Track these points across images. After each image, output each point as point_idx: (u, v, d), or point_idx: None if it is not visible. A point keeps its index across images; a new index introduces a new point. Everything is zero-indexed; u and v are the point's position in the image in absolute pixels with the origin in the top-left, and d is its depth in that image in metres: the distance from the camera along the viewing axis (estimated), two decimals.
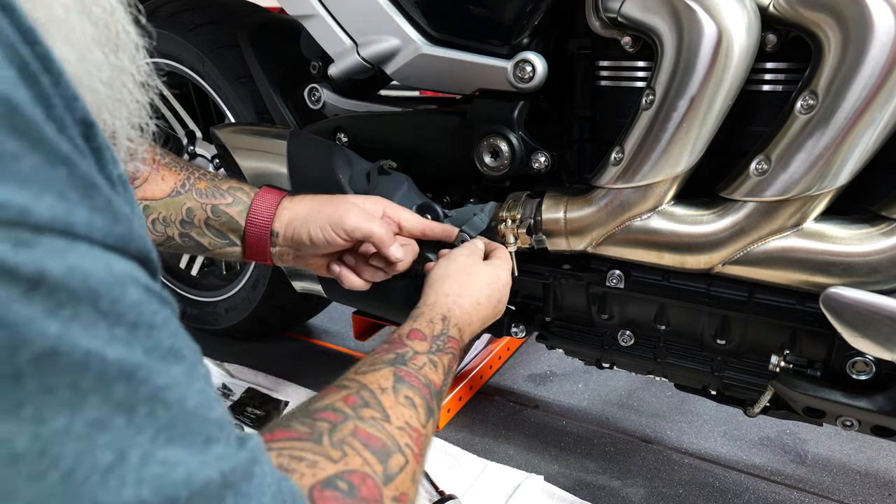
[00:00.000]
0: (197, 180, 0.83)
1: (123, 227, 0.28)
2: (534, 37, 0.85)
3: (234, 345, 1.60)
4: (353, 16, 0.97)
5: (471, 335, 0.73)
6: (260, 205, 0.82)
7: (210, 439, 0.30)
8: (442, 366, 0.61)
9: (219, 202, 0.82)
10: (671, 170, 0.76)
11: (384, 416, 0.50)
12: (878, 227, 0.69)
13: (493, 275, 0.77)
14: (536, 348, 1.55)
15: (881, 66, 0.62)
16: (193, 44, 1.31)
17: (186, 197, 0.81)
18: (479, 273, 0.76)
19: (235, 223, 0.83)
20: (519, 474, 1.10)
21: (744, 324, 0.84)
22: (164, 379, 0.28)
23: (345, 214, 0.79)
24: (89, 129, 0.29)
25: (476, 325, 0.73)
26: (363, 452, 0.45)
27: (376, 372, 0.56)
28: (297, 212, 0.82)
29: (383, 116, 1.04)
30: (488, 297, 0.75)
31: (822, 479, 1.11)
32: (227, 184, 0.84)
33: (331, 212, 0.80)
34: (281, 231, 0.82)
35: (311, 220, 0.81)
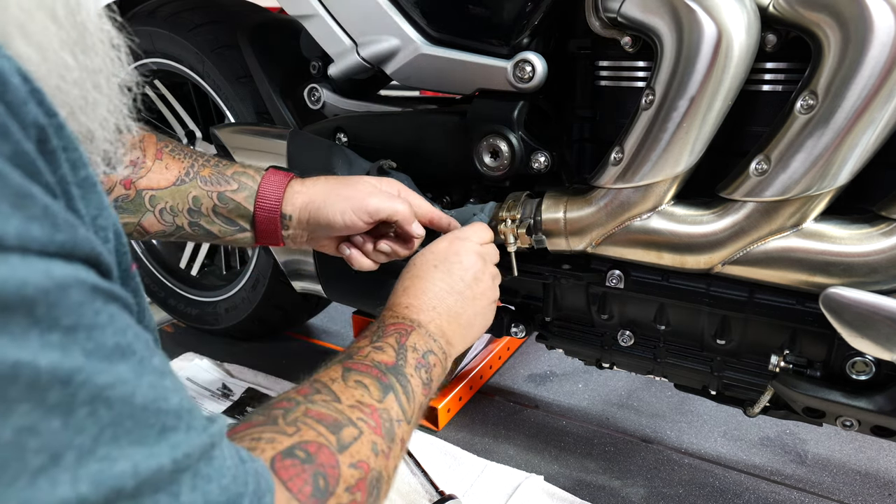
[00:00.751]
0: (201, 167, 0.82)
1: (65, 234, 0.28)
2: (534, 37, 0.85)
3: (234, 345, 1.60)
4: (352, 16, 0.97)
5: (423, 310, 0.70)
6: (267, 189, 0.81)
7: (165, 430, 0.31)
8: (389, 346, 0.63)
9: (224, 189, 0.81)
10: (671, 170, 0.76)
11: (334, 398, 0.53)
12: (878, 227, 0.69)
13: (429, 249, 0.75)
14: (536, 348, 1.55)
15: (881, 66, 0.62)
16: (193, 44, 1.31)
17: (191, 185, 0.81)
18: (416, 261, 0.75)
19: (244, 209, 0.82)
20: (519, 474, 1.10)
21: (744, 324, 0.84)
22: (107, 378, 0.28)
23: (367, 197, 0.79)
24: (43, 132, 0.30)
25: (428, 298, 0.70)
26: (316, 426, 0.48)
27: (327, 369, 0.59)
28: (313, 196, 0.81)
29: (383, 116, 1.04)
30: (413, 276, 0.72)
31: (822, 479, 1.11)
32: (231, 169, 0.82)
33: (350, 194, 0.80)
34: (295, 215, 0.81)
35: (329, 203, 0.80)
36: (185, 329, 1.71)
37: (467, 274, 0.74)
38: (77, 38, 0.35)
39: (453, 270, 0.73)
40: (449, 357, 0.70)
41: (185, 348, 1.53)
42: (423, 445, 1.17)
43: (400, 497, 1.05)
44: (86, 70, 0.35)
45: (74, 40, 0.34)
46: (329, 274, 1.12)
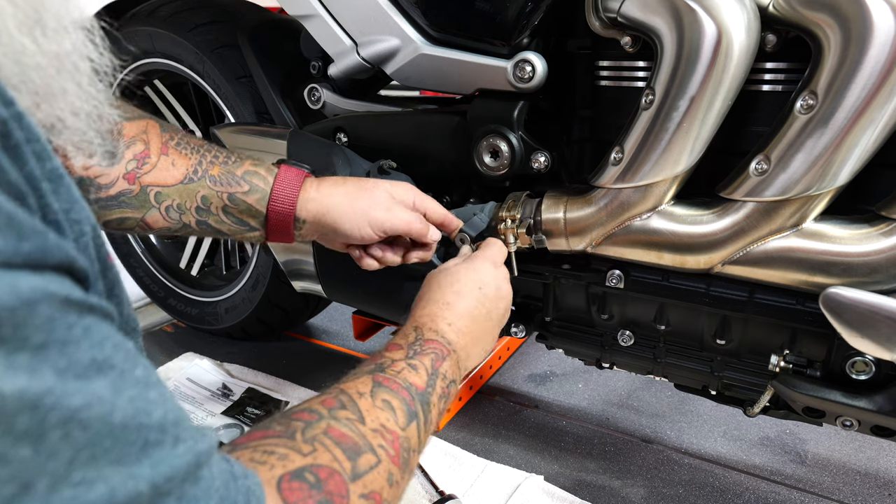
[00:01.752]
0: (210, 165, 0.79)
1: (32, 243, 0.27)
2: (534, 37, 0.85)
3: (234, 345, 1.60)
4: (352, 16, 0.97)
5: (464, 332, 0.70)
6: (280, 191, 0.80)
7: (147, 446, 0.29)
8: (423, 367, 0.61)
9: (235, 190, 0.79)
10: (671, 170, 0.76)
11: (359, 417, 0.51)
12: (877, 227, 0.69)
13: (461, 271, 0.75)
14: (536, 348, 1.55)
15: (881, 66, 0.62)
16: (193, 44, 1.31)
17: (200, 184, 0.78)
18: (444, 279, 0.74)
19: (255, 210, 0.80)
20: (519, 474, 1.10)
21: (743, 324, 0.84)
22: (82, 398, 0.27)
23: (384, 213, 0.80)
24: (4, 125, 0.28)
25: (462, 323, 0.70)
26: (333, 449, 0.46)
27: (356, 379, 0.56)
28: (328, 206, 0.80)
29: (383, 116, 1.04)
30: (457, 293, 0.72)
31: (822, 479, 1.11)
32: (241, 168, 0.80)
33: (366, 208, 0.80)
34: (309, 220, 0.81)
35: (345, 215, 0.80)
36: (185, 329, 1.71)
37: (501, 303, 0.75)
38: (37, 20, 0.32)
39: (490, 296, 0.74)
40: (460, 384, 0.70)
41: (185, 348, 1.53)
42: None
43: None
44: (48, 55, 0.33)
45: (34, 21, 0.32)
46: (329, 274, 1.12)
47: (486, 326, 0.73)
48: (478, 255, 0.78)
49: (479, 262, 0.76)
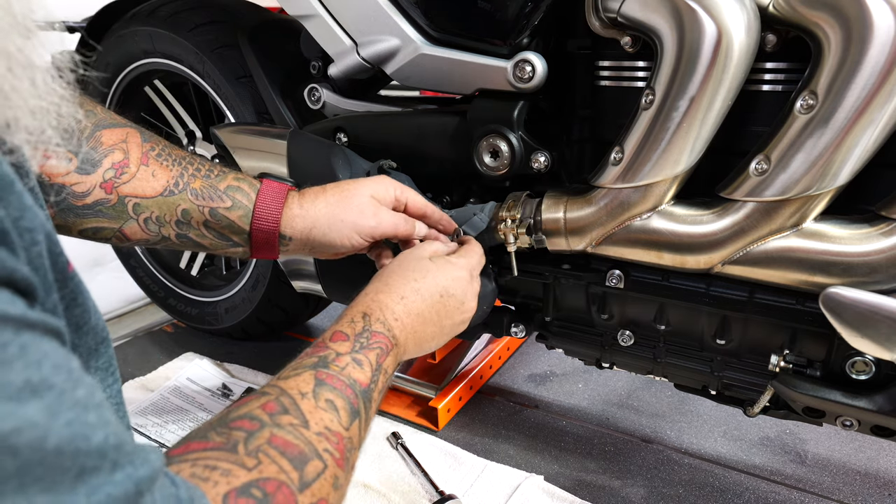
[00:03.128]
0: (191, 178, 0.77)
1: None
2: (533, 37, 0.85)
3: (234, 345, 1.60)
4: (352, 16, 0.97)
5: (409, 331, 0.68)
6: (263, 208, 0.77)
7: (83, 472, 0.28)
8: (368, 363, 0.59)
9: (217, 205, 0.77)
10: (671, 170, 0.76)
11: (302, 421, 0.49)
12: (877, 227, 0.69)
13: (431, 268, 0.73)
14: (536, 348, 1.55)
15: (881, 66, 0.62)
16: (193, 44, 1.31)
17: (181, 198, 0.76)
18: (411, 268, 0.72)
19: (237, 227, 0.78)
20: (519, 474, 1.10)
21: (743, 324, 0.84)
22: (13, 422, 0.25)
23: (371, 221, 0.78)
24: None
25: (410, 321, 0.68)
26: (279, 460, 0.45)
27: (298, 377, 0.54)
28: (314, 220, 0.78)
29: (383, 116, 1.04)
30: (416, 290, 0.70)
31: (822, 479, 1.11)
32: (223, 182, 0.78)
33: (352, 218, 0.78)
34: (295, 237, 0.79)
35: (333, 230, 0.78)
36: (185, 329, 1.71)
37: (459, 316, 0.75)
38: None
39: (450, 307, 0.73)
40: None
41: (185, 348, 1.53)
42: (423, 445, 1.17)
43: (400, 497, 1.05)
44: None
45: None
46: (329, 274, 1.12)
47: (432, 332, 0.71)
48: (456, 260, 0.76)
49: (454, 269, 0.75)
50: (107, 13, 1.48)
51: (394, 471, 1.12)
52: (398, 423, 1.27)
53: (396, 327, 0.66)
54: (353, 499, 1.05)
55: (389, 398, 1.36)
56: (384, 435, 1.21)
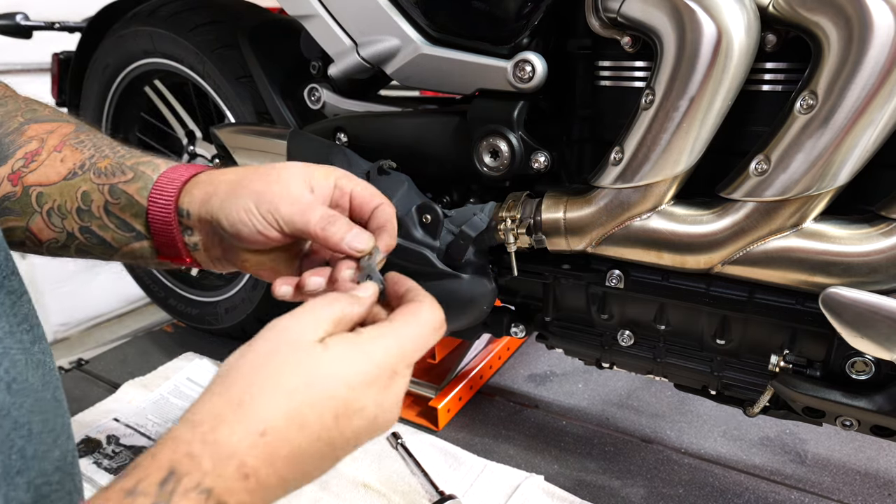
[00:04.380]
0: (102, 158, 0.63)
1: None
2: (533, 37, 0.85)
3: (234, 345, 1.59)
4: (352, 16, 0.97)
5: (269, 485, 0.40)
6: (167, 177, 0.61)
7: None
8: None
9: (118, 180, 0.62)
10: (671, 170, 0.76)
11: None
12: (877, 227, 0.69)
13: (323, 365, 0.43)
14: (536, 348, 1.55)
15: (881, 66, 0.62)
16: (193, 44, 1.31)
17: (83, 179, 0.62)
18: (284, 364, 0.43)
19: (137, 205, 0.61)
20: (519, 474, 1.10)
21: (743, 324, 0.84)
22: None
23: (283, 198, 0.55)
24: None
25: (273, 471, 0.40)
26: None
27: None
28: (216, 186, 0.58)
29: (383, 116, 1.04)
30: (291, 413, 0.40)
31: (822, 479, 1.11)
32: (135, 159, 0.63)
33: (261, 187, 0.56)
34: (192, 210, 0.59)
35: (231, 196, 0.56)
36: (185, 329, 1.71)
37: (364, 436, 0.45)
38: None
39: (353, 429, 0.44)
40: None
41: (185, 348, 1.53)
42: (423, 445, 1.17)
43: (400, 497, 1.05)
44: None
45: None
46: None
47: (316, 470, 0.43)
48: (372, 346, 0.45)
49: (364, 363, 0.44)
50: (107, 13, 1.48)
51: (394, 471, 1.12)
52: (398, 422, 1.27)
53: (239, 492, 0.38)
54: (353, 499, 1.05)
55: None
56: (384, 435, 1.21)
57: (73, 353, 1.71)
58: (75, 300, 1.90)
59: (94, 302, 1.95)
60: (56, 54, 1.60)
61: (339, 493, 1.07)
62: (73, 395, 1.41)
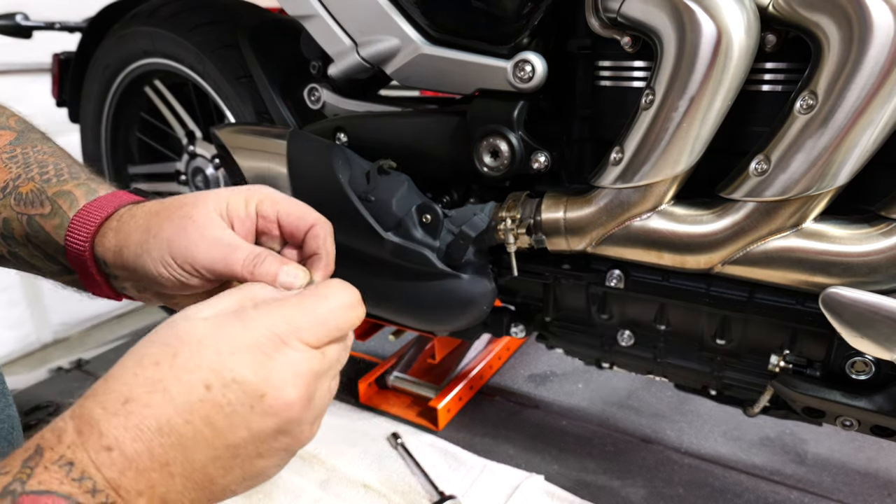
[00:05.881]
0: (27, 181, 0.57)
1: None
2: (533, 37, 0.85)
3: None
4: (352, 16, 0.97)
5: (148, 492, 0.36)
6: (80, 218, 0.55)
7: None
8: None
9: (36, 212, 0.56)
10: (671, 170, 0.76)
11: None
12: (877, 227, 0.69)
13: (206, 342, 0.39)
14: (536, 348, 1.55)
15: (881, 66, 0.62)
16: (193, 44, 1.31)
17: (3, 203, 0.57)
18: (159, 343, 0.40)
19: (55, 243, 0.56)
20: (519, 474, 1.10)
21: (743, 324, 0.84)
22: None
23: (194, 242, 0.50)
24: None
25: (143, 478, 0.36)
26: None
27: None
28: (127, 234, 0.53)
29: (383, 116, 1.04)
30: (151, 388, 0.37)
31: (822, 479, 1.11)
32: (57, 186, 0.57)
33: (170, 234, 0.50)
34: (110, 260, 0.54)
35: (144, 247, 0.51)
36: None
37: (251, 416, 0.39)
38: None
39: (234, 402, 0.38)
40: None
41: None
42: (423, 445, 1.17)
43: (400, 497, 1.05)
44: None
45: None
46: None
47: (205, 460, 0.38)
48: (265, 310, 0.41)
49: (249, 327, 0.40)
50: (107, 13, 1.48)
51: (394, 471, 1.12)
52: (398, 423, 1.27)
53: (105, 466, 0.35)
54: (353, 499, 1.05)
55: (389, 398, 1.36)
56: (384, 435, 1.21)
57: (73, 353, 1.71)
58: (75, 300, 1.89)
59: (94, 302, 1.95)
60: (56, 54, 1.60)
61: (339, 493, 1.07)
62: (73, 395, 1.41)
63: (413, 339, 1.50)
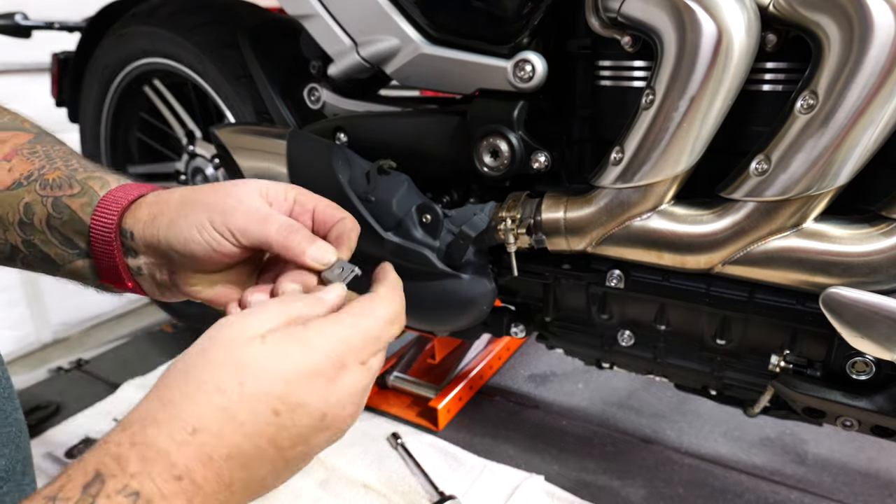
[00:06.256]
0: (53, 170, 0.59)
1: None
2: (534, 36, 0.85)
3: None
4: (352, 15, 0.97)
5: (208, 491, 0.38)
6: (114, 195, 0.57)
7: None
8: None
9: (63, 193, 0.57)
10: (671, 170, 0.76)
11: None
12: (878, 227, 0.69)
13: (261, 359, 0.41)
14: (536, 348, 1.55)
15: (881, 66, 0.62)
16: (193, 43, 1.31)
17: (26, 190, 0.58)
18: (222, 361, 0.41)
19: (79, 221, 0.57)
20: (519, 474, 1.10)
21: (744, 324, 0.84)
22: None
23: (235, 209, 0.52)
24: None
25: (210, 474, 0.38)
26: None
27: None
28: (164, 204, 0.55)
29: (383, 116, 1.04)
30: (226, 409, 0.39)
31: (822, 479, 1.11)
32: (86, 174, 0.59)
33: (211, 200, 0.53)
34: (137, 231, 0.55)
35: (182, 211, 0.53)
36: (186, 329, 1.71)
37: (313, 438, 0.42)
38: None
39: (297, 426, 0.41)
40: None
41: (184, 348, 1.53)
42: (423, 445, 1.17)
43: (400, 497, 1.05)
44: None
45: None
46: None
47: (264, 474, 0.41)
48: (315, 336, 0.43)
49: (307, 354, 0.42)
50: (106, 13, 1.48)
51: (394, 471, 1.12)
52: (398, 423, 1.27)
53: (173, 495, 0.37)
54: (353, 499, 1.05)
55: (389, 398, 1.36)
56: (384, 435, 1.21)
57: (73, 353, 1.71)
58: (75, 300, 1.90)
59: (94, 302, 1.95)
60: (56, 54, 1.60)
61: (339, 493, 1.06)
62: (73, 395, 1.41)
63: (413, 340, 1.50)
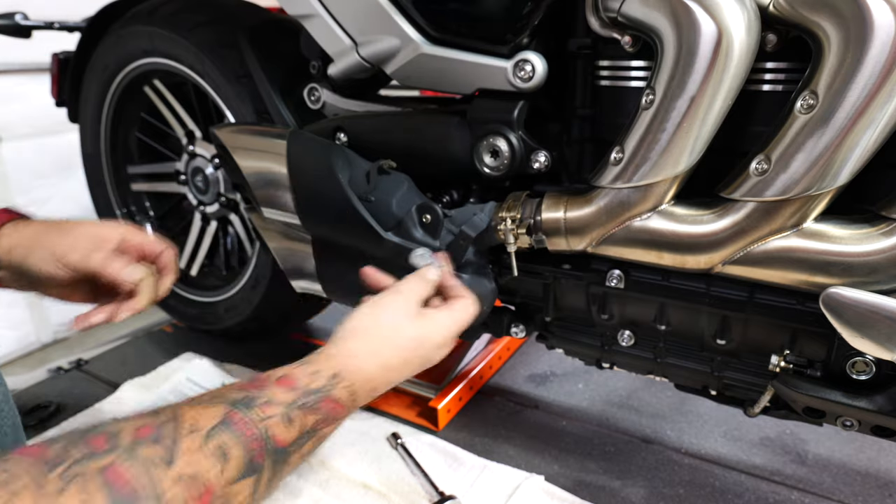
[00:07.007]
0: None
1: None
2: (533, 36, 0.85)
3: (234, 345, 1.60)
4: (352, 15, 0.97)
5: (369, 398, 0.67)
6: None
7: None
8: (301, 425, 0.53)
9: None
10: (671, 170, 0.76)
11: (166, 459, 0.43)
12: (878, 227, 0.69)
13: (422, 336, 0.71)
14: (536, 348, 1.55)
15: (881, 66, 0.62)
16: (193, 43, 1.31)
17: None
18: (403, 332, 0.69)
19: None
20: (519, 474, 1.10)
21: (744, 324, 0.84)
22: None
23: (70, 248, 0.75)
24: None
25: (380, 389, 0.68)
26: (93, 493, 0.38)
27: (207, 408, 0.48)
28: (19, 240, 0.77)
29: (383, 116, 1.04)
30: (405, 361, 0.69)
31: (822, 479, 1.11)
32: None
33: (55, 241, 0.76)
34: (3, 258, 0.77)
35: (35, 249, 0.76)
36: (185, 329, 1.71)
37: (436, 355, 0.73)
38: None
39: (426, 355, 0.71)
40: None
41: (185, 348, 1.53)
42: (422, 445, 1.17)
43: (400, 497, 1.05)
44: None
45: None
46: (329, 274, 1.12)
47: (398, 377, 0.69)
48: (448, 319, 0.74)
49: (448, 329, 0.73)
50: (106, 13, 1.48)
51: (394, 471, 1.12)
52: (398, 423, 1.27)
53: (363, 397, 0.65)
54: (352, 499, 1.05)
55: (389, 398, 1.36)
56: (384, 435, 1.20)
57: (72, 353, 1.71)
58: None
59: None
60: (56, 54, 1.59)
61: (339, 493, 1.06)
62: (73, 395, 1.41)
63: None
